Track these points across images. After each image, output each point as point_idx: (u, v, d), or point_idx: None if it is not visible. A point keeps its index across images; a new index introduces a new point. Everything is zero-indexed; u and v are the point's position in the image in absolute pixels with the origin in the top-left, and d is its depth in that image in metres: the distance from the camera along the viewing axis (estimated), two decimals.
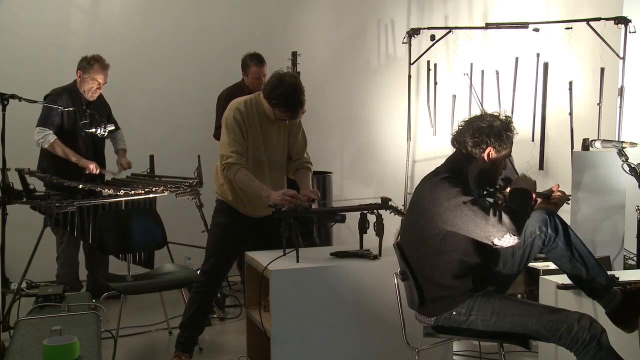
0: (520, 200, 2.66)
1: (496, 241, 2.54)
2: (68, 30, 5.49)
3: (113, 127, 4.66)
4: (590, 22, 5.01)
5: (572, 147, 5.18)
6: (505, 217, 2.53)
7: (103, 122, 4.41)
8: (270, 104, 3.38)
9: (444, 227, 2.61)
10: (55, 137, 4.46)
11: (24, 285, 4.27)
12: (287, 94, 3.31)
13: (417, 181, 2.89)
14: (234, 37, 5.75)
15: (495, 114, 2.77)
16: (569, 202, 3.17)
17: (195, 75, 5.73)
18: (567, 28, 5.27)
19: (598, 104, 5.06)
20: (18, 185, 4.03)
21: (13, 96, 3.84)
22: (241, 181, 3.35)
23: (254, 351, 3.53)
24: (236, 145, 3.37)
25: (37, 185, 4.25)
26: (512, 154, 2.85)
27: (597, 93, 5.11)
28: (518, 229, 2.54)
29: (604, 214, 3.97)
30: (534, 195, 2.72)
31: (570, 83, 5.32)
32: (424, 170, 5.48)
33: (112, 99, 4.99)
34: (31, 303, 3.01)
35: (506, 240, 2.53)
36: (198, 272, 3.83)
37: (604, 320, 2.60)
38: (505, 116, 2.77)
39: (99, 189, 4.38)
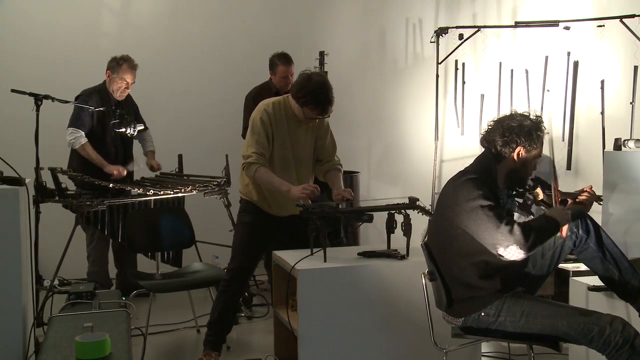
0: (544, 223, 2.60)
1: (501, 251, 2.50)
2: (99, 32, 5.58)
3: (142, 127, 4.73)
4: (624, 19, 4.92)
5: (604, 147, 5.09)
6: (517, 229, 2.48)
7: (132, 121, 4.47)
8: (299, 103, 3.39)
9: (463, 228, 2.60)
10: (86, 140, 4.53)
11: (56, 282, 4.34)
12: (315, 91, 3.32)
13: (444, 181, 2.88)
14: (261, 37, 5.78)
15: (525, 113, 2.74)
16: (601, 202, 3.13)
17: (224, 75, 5.78)
18: (600, 26, 5.18)
19: (631, 103, 4.97)
20: (50, 184, 4.10)
21: (46, 97, 3.93)
22: (261, 179, 3.37)
23: (282, 350, 3.54)
24: (258, 147, 3.39)
25: (69, 184, 4.32)
26: (546, 154, 2.82)
27: (630, 91, 5.01)
28: (526, 245, 2.47)
29: (637, 215, 3.89)
30: (561, 230, 2.65)
31: (602, 82, 5.23)
32: (451, 170, 5.44)
33: (141, 99, 5.05)
34: (63, 300, 3.07)
35: (511, 251, 2.48)
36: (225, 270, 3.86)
37: (637, 324, 2.55)
38: (536, 116, 2.74)
39: (128, 188, 4.44)
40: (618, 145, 3.82)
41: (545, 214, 2.67)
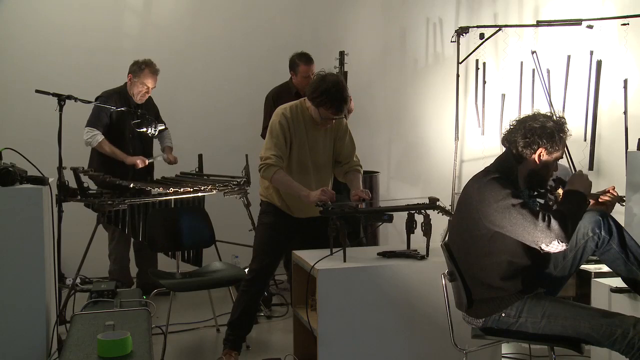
0: (572, 204, 2.58)
1: (544, 247, 2.49)
2: (121, 33, 5.62)
3: (163, 127, 4.77)
4: None
5: (627, 147, 5.03)
6: (554, 223, 2.46)
7: (153, 121, 4.51)
8: (314, 103, 3.39)
9: (492, 228, 2.58)
10: (103, 137, 4.58)
11: (78, 280, 4.39)
12: (330, 90, 3.33)
13: (464, 181, 2.86)
14: (282, 37, 5.79)
15: (549, 114, 2.71)
16: (624, 203, 3.09)
17: (244, 75, 5.80)
18: (624, 24, 5.11)
19: None
20: (73, 184, 4.15)
21: (69, 97, 3.99)
22: (279, 182, 3.39)
23: (301, 350, 3.54)
24: (277, 149, 3.40)
25: (90, 183, 4.36)
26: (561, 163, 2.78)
27: None
28: (567, 236, 2.46)
29: None
30: (589, 199, 2.63)
31: (625, 81, 5.17)
32: (471, 170, 5.40)
33: (163, 98, 5.10)
34: (85, 298, 3.10)
35: (554, 246, 2.47)
36: (246, 270, 3.87)
37: None
38: (559, 117, 2.70)
39: (148, 188, 4.48)
40: None
41: (568, 191, 2.63)
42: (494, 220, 2.56)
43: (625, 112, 5.15)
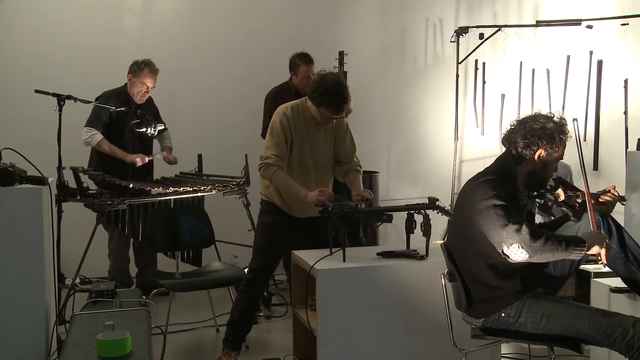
0: (566, 235, 2.54)
1: (505, 249, 2.48)
2: (120, 33, 5.63)
3: (163, 127, 4.77)
4: None
5: (627, 147, 5.03)
6: (525, 230, 2.45)
7: (153, 121, 4.51)
8: (315, 103, 3.39)
9: (479, 228, 2.58)
10: (102, 137, 4.58)
11: (77, 280, 4.39)
12: (330, 89, 3.32)
13: (464, 181, 2.86)
14: (282, 37, 5.79)
15: (550, 115, 2.70)
16: (624, 203, 3.09)
17: (244, 75, 5.80)
18: (624, 24, 5.11)
19: None
20: (72, 184, 4.15)
21: (69, 97, 3.99)
22: (278, 182, 3.39)
23: (300, 350, 3.54)
24: (277, 149, 3.40)
25: (90, 183, 4.36)
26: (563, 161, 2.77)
27: None
28: (532, 246, 2.44)
29: None
30: (586, 250, 2.50)
31: (626, 81, 5.17)
32: (471, 170, 5.40)
33: (162, 98, 5.10)
34: (85, 298, 3.10)
35: (513, 250, 2.46)
36: (245, 270, 3.87)
37: None
38: (560, 118, 2.70)
39: (148, 188, 4.47)
40: None
41: (576, 236, 2.57)
42: (477, 220, 2.57)
43: (625, 112, 5.15)
